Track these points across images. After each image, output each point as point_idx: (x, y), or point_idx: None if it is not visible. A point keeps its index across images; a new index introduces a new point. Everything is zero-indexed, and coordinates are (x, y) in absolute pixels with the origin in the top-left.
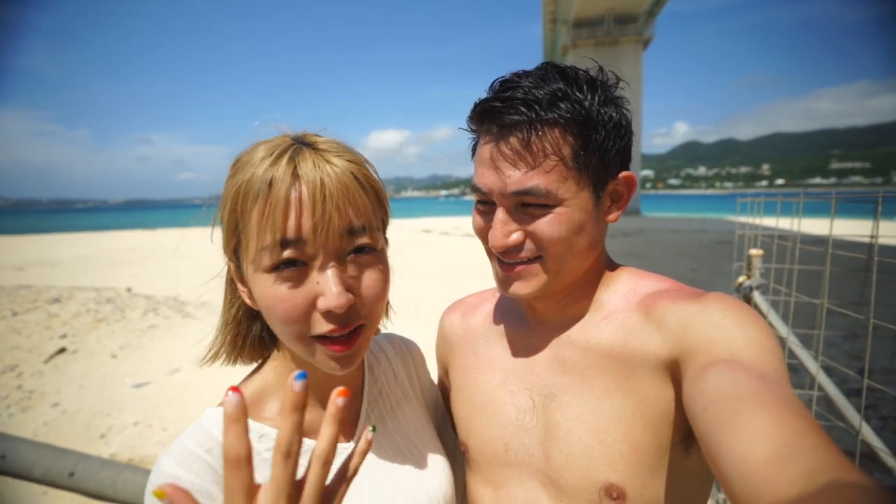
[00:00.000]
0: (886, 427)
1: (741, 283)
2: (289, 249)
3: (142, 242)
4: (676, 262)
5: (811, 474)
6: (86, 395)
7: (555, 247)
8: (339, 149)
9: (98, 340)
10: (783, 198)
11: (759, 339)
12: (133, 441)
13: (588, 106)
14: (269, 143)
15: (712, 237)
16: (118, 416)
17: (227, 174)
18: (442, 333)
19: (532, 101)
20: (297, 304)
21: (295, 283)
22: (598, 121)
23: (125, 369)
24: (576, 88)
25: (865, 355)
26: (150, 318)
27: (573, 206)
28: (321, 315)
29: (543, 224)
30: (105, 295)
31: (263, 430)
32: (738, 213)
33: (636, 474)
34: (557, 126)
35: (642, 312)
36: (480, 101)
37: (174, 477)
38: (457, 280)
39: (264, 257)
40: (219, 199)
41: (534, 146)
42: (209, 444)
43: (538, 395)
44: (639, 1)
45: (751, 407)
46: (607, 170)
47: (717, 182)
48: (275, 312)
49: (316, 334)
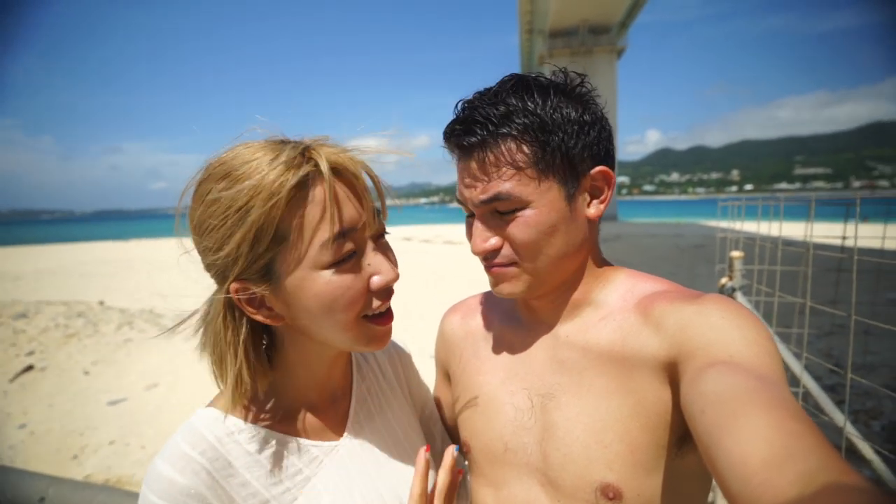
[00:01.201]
0: (858, 420)
1: (723, 285)
2: (349, 240)
3: (114, 254)
4: (655, 267)
5: (809, 476)
6: (56, 414)
7: (527, 249)
8: (339, 144)
9: (69, 356)
10: (764, 201)
11: (756, 340)
12: (109, 461)
13: (541, 112)
14: (264, 147)
15: (689, 241)
16: (92, 436)
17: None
18: (442, 335)
19: (487, 121)
20: (358, 288)
21: (354, 271)
22: (554, 123)
23: (99, 386)
24: (528, 99)
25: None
26: (125, 332)
27: (542, 208)
28: (374, 295)
29: (514, 228)
30: (76, 309)
31: (254, 430)
32: (719, 216)
33: (633, 475)
34: (511, 139)
35: (640, 313)
36: (448, 123)
37: (169, 481)
38: (442, 285)
39: (327, 252)
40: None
41: (490, 160)
42: (202, 447)
43: (536, 395)
44: (612, 12)
45: (749, 409)
46: (575, 167)
47: (690, 188)
48: (340, 303)
49: (367, 314)
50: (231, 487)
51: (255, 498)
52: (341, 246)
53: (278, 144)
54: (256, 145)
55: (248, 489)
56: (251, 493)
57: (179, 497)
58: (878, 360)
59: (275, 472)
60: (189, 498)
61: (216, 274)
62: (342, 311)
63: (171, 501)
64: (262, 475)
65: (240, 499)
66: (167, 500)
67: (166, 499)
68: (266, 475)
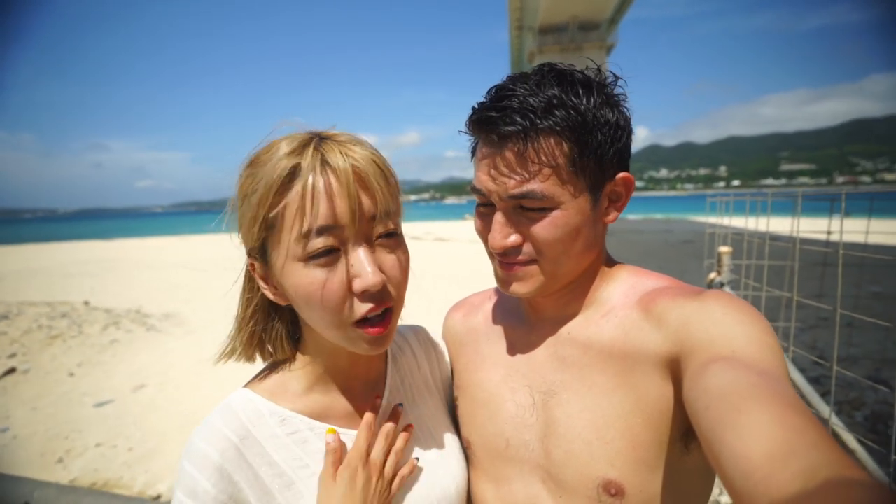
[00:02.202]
0: (842, 411)
1: (712, 280)
2: (326, 236)
3: (98, 253)
4: (644, 263)
5: (812, 471)
6: (40, 417)
7: (551, 249)
8: (356, 140)
9: (53, 358)
10: (752, 197)
11: (758, 336)
12: (95, 464)
13: (584, 111)
14: (288, 138)
15: (677, 237)
16: (78, 439)
17: (197, 180)
18: (445, 333)
19: (527, 110)
20: (334, 288)
21: (331, 269)
22: (595, 125)
23: (84, 388)
24: (571, 94)
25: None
26: (111, 333)
27: (570, 210)
28: (357, 297)
29: (540, 227)
30: (60, 310)
31: (285, 413)
32: (708, 212)
33: (635, 471)
34: (553, 134)
35: (642, 310)
36: (477, 107)
37: (204, 455)
38: (433, 283)
39: (301, 246)
40: (228, 199)
41: (530, 154)
42: (234, 425)
43: (538, 391)
44: (601, 9)
45: (751, 404)
46: (605, 172)
47: (678, 184)
48: (314, 299)
49: (355, 320)
50: (258, 465)
51: (282, 478)
52: (315, 241)
53: (297, 138)
54: (284, 137)
55: (274, 469)
56: (277, 474)
57: (211, 471)
58: (859, 351)
59: (301, 454)
60: (218, 473)
61: (241, 245)
62: (321, 309)
63: (202, 473)
64: (289, 457)
65: (266, 477)
66: (200, 471)
67: (200, 470)
68: (293, 457)
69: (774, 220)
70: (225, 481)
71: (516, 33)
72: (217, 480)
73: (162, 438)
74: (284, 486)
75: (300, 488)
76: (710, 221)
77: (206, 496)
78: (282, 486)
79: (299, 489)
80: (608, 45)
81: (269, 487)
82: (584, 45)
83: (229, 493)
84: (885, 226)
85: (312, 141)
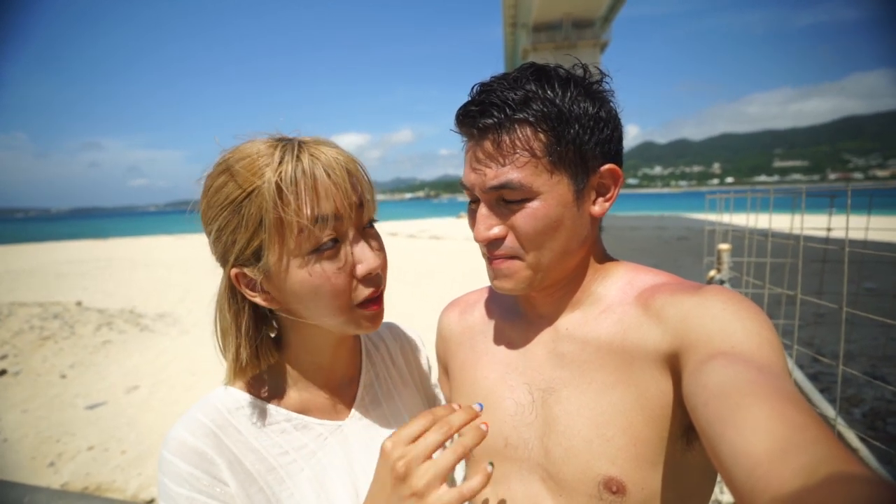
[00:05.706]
0: (841, 409)
1: (712, 277)
2: (330, 228)
3: (92, 253)
4: (639, 259)
5: (813, 467)
6: (31, 420)
7: (531, 240)
8: (325, 140)
9: (44, 360)
10: (752, 194)
11: (758, 331)
12: (88, 468)
13: (559, 103)
14: (261, 142)
15: (671, 234)
16: (70, 442)
17: (191, 179)
18: (441, 332)
19: (504, 104)
20: (342, 276)
21: (336, 259)
22: (571, 115)
23: (76, 390)
24: (548, 88)
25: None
26: (104, 334)
27: (550, 201)
28: (360, 282)
29: (520, 217)
30: (51, 310)
31: (263, 405)
32: (707, 209)
33: (636, 468)
34: (528, 124)
35: (640, 306)
36: (462, 105)
37: (181, 440)
38: (428, 281)
39: (308, 241)
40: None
41: (505, 144)
42: (213, 415)
43: (537, 389)
44: (595, 6)
45: (752, 400)
46: (587, 163)
47: (672, 181)
48: (324, 290)
49: (358, 302)
50: (239, 451)
51: (263, 463)
52: (320, 234)
53: (274, 142)
54: (256, 142)
55: (255, 455)
56: (258, 459)
57: (188, 454)
58: (857, 348)
59: (281, 443)
60: (196, 455)
61: (219, 258)
62: (329, 298)
63: (180, 457)
64: (269, 445)
65: (247, 462)
66: (178, 456)
67: (178, 455)
68: (272, 444)
69: (773, 217)
70: (205, 462)
71: (510, 31)
72: (197, 461)
73: (156, 441)
74: (266, 470)
75: (281, 474)
76: (709, 219)
77: (189, 477)
78: (263, 470)
79: (280, 475)
80: (602, 43)
81: (249, 470)
82: (577, 42)
83: (210, 472)
84: (883, 222)
85: (291, 143)
